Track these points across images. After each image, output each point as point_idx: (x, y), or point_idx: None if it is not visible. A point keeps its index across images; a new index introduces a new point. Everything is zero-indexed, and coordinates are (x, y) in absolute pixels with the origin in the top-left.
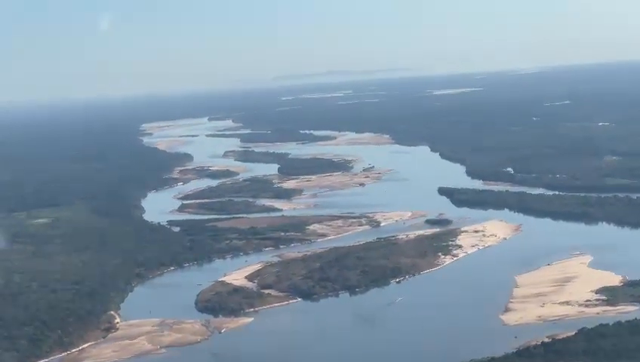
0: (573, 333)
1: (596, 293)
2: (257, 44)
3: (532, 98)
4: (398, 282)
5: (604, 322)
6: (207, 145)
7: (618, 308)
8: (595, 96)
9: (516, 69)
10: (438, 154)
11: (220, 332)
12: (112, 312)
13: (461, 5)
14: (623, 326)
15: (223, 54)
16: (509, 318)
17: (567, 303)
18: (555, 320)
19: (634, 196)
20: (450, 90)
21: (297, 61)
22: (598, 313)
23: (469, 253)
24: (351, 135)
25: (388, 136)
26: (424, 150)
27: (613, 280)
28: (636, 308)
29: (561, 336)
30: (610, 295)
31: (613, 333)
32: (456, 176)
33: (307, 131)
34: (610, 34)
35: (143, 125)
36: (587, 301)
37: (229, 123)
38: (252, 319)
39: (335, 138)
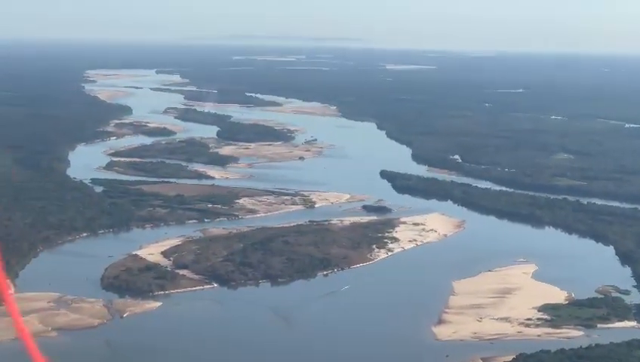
0: (511, 359)
1: (538, 311)
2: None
3: (486, 83)
4: (326, 275)
5: (545, 347)
6: (150, 100)
7: (561, 331)
8: (550, 87)
9: (471, 51)
10: (384, 132)
11: (121, 317)
12: (7, 280)
13: None
14: (566, 355)
15: (177, 6)
16: (443, 332)
17: (507, 319)
18: (491, 339)
19: (584, 201)
20: (402, 66)
21: (253, 22)
22: (539, 335)
23: (405, 248)
24: (298, 103)
25: (335, 107)
26: (370, 127)
27: (558, 296)
28: (580, 333)
29: (497, 360)
30: (554, 314)
31: None
32: (401, 158)
33: (253, 94)
34: (573, 22)
35: (88, 71)
36: (528, 319)
37: (176, 78)
38: (160, 304)
39: (281, 105)
